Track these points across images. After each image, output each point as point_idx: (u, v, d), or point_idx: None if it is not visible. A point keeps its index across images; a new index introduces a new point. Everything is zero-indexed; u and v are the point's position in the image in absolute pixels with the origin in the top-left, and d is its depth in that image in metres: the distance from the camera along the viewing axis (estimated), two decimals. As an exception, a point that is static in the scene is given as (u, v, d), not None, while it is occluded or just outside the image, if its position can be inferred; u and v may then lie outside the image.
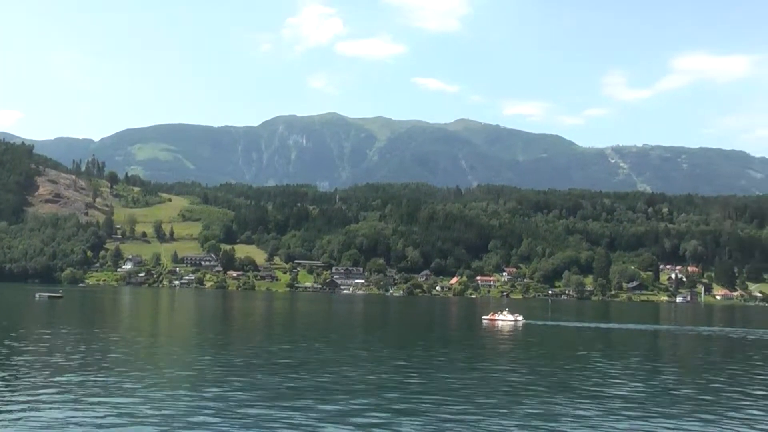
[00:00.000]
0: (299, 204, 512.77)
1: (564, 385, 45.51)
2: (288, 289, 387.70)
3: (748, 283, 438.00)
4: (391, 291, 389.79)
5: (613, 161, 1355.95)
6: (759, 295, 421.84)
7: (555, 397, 40.21)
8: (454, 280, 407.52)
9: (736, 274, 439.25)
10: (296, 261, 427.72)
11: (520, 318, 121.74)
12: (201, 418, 32.56)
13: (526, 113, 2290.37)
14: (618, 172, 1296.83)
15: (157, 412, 33.43)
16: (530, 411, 35.88)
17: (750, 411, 37.77)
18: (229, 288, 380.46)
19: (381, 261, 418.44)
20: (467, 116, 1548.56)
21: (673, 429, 32.51)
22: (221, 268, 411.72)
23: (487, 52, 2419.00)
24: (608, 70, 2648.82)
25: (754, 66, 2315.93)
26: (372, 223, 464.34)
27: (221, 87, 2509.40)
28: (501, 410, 35.93)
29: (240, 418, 32.87)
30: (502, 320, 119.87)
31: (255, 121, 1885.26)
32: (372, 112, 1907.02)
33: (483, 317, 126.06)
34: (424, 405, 36.74)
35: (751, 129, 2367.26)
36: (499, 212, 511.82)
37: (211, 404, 35.78)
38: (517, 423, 33.02)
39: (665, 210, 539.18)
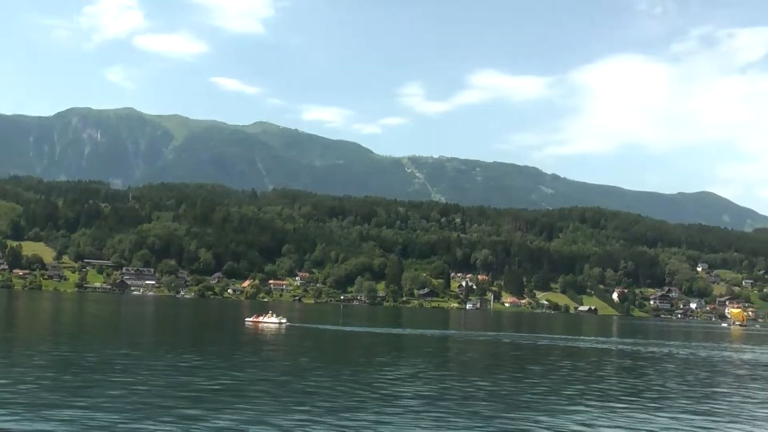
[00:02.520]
0: (91, 201, 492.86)
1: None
2: (76, 289, 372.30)
3: (536, 291, 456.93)
4: (182, 293, 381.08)
5: (409, 171, 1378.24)
6: (546, 303, 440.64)
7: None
8: (247, 283, 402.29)
9: (525, 283, 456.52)
10: (86, 260, 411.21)
11: (284, 321, 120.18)
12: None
13: (324, 119, 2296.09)
14: (414, 182, 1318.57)
15: None
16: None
17: (513, 413, 36.67)
18: (15, 287, 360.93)
19: (173, 262, 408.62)
20: (266, 119, 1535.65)
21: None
22: (7, 266, 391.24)
23: (288, 55, 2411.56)
24: (407, 82, 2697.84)
25: (547, 88, 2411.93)
26: (165, 224, 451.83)
27: (12, 73, 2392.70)
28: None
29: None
30: (266, 323, 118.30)
31: (48, 112, 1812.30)
32: (170, 110, 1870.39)
33: (246, 319, 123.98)
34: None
35: (543, 147, 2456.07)
36: (294, 217, 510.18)
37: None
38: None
39: (458, 220, 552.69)
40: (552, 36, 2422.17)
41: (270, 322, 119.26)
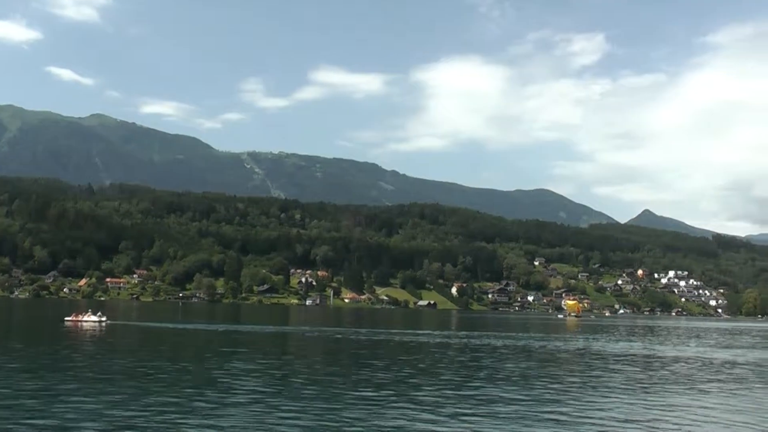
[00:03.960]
0: None
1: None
2: None
3: (375, 287, 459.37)
4: (16, 293, 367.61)
5: (248, 166, 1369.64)
6: (386, 298, 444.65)
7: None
8: (83, 281, 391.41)
9: (365, 279, 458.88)
10: None
11: (104, 319, 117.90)
12: None
13: (163, 113, 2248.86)
14: (253, 178, 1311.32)
15: None
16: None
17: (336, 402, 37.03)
18: None
19: (6, 260, 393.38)
20: (103, 111, 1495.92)
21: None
22: None
23: (126, 46, 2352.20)
24: (247, 77, 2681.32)
25: (387, 85, 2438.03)
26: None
27: None
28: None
29: None
30: (86, 321, 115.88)
31: None
32: (2, 100, 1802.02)
33: (65, 318, 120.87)
34: None
35: (384, 144, 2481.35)
36: (131, 212, 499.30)
37: None
38: None
39: (298, 216, 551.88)
40: (393, 35, 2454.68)
41: (89, 320, 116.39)
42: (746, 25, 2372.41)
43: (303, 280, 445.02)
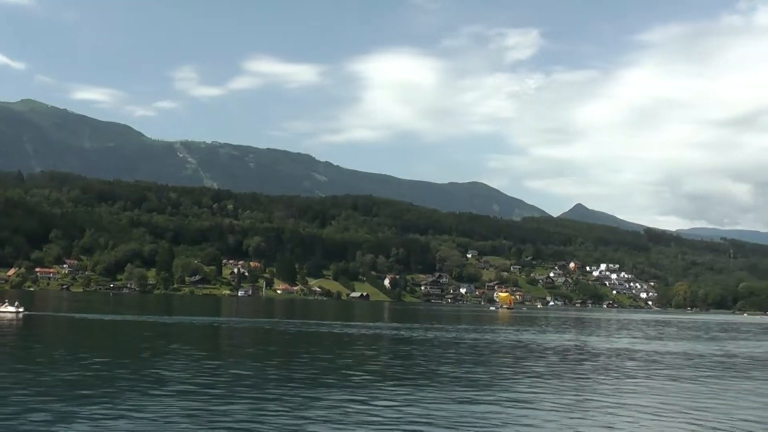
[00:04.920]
0: None
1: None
2: None
3: (308, 278, 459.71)
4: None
5: (181, 156, 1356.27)
6: (318, 289, 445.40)
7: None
8: (12, 271, 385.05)
9: (297, 270, 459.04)
10: None
11: (21, 310, 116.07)
12: None
13: (95, 99, 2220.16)
14: (186, 167, 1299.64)
15: None
16: None
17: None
18: None
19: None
20: (33, 97, 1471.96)
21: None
22: None
23: (58, 31, 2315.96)
24: (181, 65, 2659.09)
25: (320, 76, 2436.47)
26: None
27: None
28: None
29: None
30: (2, 312, 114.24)
31: None
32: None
33: None
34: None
35: (317, 134, 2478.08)
36: (62, 201, 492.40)
37: None
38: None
39: (230, 206, 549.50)
40: (328, 25, 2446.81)
41: (5, 311, 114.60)
42: (676, 25, 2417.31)
43: (235, 270, 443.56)
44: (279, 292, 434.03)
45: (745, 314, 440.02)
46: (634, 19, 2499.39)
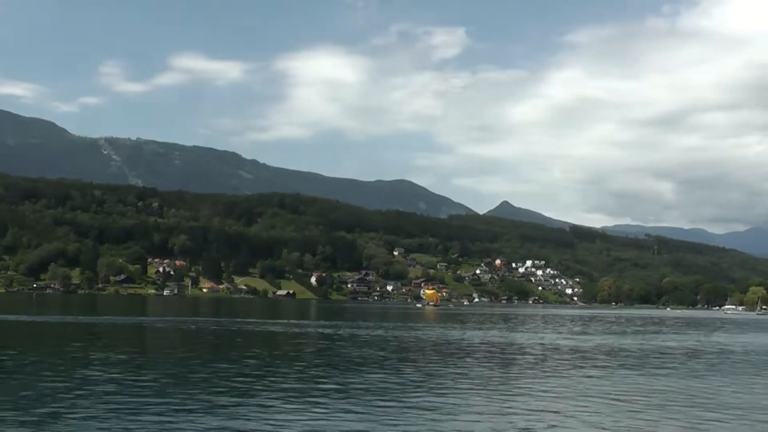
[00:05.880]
0: None
1: None
2: None
3: (234, 276, 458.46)
4: None
5: (106, 152, 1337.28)
6: (245, 288, 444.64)
7: None
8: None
9: (223, 269, 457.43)
10: None
11: None
12: None
13: (17, 94, 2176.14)
14: (110, 164, 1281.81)
15: None
16: None
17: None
18: None
19: None
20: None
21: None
22: None
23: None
24: (106, 60, 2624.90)
25: (247, 73, 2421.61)
26: None
27: None
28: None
29: None
30: None
31: None
32: None
33: None
34: None
35: (244, 132, 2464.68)
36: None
37: None
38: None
39: (156, 205, 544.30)
40: (256, 22, 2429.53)
41: None
42: (603, 27, 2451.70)
43: (161, 269, 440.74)
44: (205, 290, 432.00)
45: (668, 308, 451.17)
46: (562, 21, 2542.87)
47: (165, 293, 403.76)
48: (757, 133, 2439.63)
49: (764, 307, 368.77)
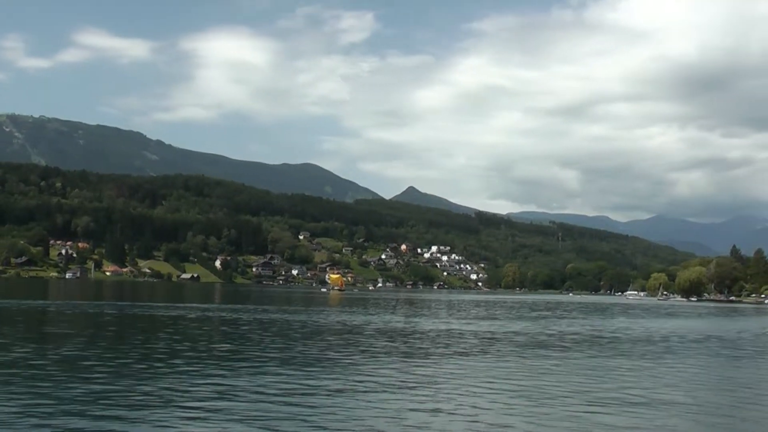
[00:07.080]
0: None
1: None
2: None
3: (138, 260, 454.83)
4: None
5: (8, 130, 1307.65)
6: (148, 271, 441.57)
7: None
8: None
9: (127, 251, 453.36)
10: None
11: None
12: None
13: None
14: (12, 142, 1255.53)
15: None
16: None
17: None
18: None
19: None
20: None
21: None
22: None
23: None
24: (7, 33, 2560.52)
25: (153, 52, 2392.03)
26: None
27: None
28: None
29: None
30: None
31: None
32: None
33: None
34: None
35: (148, 112, 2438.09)
36: None
37: None
38: None
39: (59, 185, 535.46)
40: (162, 0, 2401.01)
41: None
42: (510, 16, 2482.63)
43: (63, 251, 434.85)
44: (108, 273, 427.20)
45: (571, 294, 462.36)
46: (470, 8, 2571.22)
47: (67, 276, 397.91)
48: (661, 124, 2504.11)
49: (665, 292, 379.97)
